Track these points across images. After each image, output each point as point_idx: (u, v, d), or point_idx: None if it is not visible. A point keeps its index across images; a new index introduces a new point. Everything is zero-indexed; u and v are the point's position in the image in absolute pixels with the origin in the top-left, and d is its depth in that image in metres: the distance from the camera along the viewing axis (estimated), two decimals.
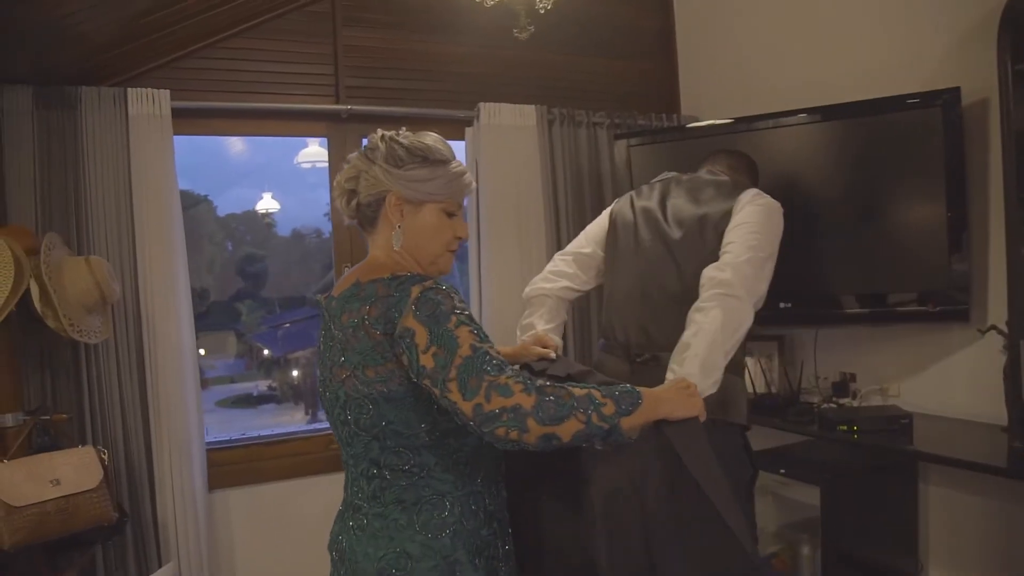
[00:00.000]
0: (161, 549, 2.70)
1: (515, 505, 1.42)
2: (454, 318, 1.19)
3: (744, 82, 3.39)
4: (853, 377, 2.91)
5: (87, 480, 2.25)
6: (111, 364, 2.64)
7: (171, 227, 2.75)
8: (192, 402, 2.78)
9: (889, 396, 2.78)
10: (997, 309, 2.42)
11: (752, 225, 1.92)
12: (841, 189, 2.74)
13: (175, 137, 2.82)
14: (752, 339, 2.18)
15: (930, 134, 2.52)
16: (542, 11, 2.15)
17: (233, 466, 3.02)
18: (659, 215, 2.11)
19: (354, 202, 1.35)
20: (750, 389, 2.81)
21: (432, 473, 1.26)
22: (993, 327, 2.30)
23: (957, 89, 2.48)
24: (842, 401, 2.85)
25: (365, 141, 1.40)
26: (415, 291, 1.21)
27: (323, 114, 3.12)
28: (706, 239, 1.97)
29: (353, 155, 1.39)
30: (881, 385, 2.80)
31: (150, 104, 2.71)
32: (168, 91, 2.74)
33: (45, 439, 2.35)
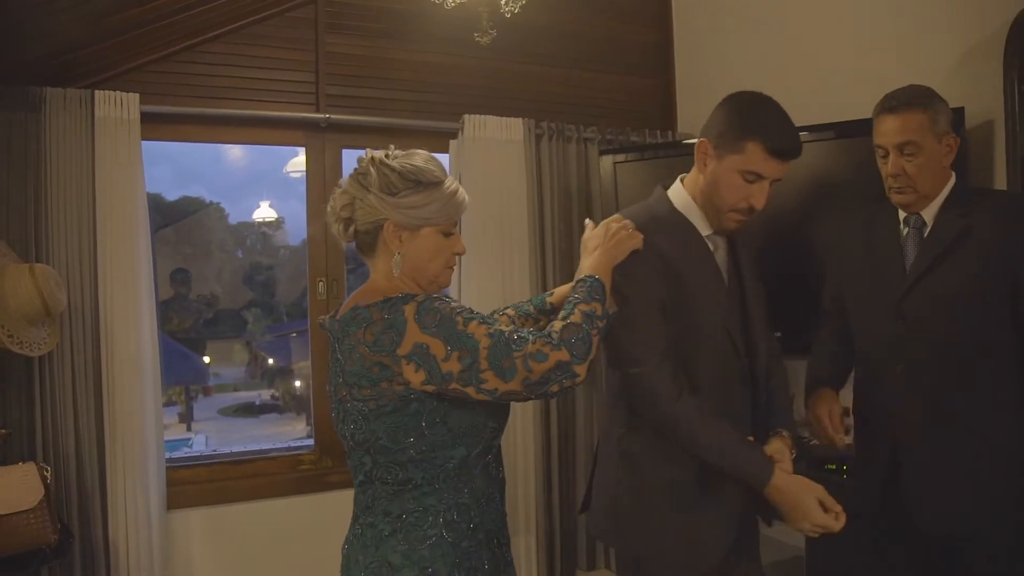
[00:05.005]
0: (111, 572, 2.58)
1: None
2: (459, 319, 1.26)
3: None
4: (847, 411, 2.74)
5: (25, 499, 2.15)
6: (65, 377, 2.53)
7: (136, 235, 2.65)
8: (151, 418, 2.66)
9: None
10: None
11: None
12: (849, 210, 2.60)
13: (164, 143, 2.77)
14: None
15: None
16: (507, 15, 2.03)
17: (195, 485, 2.89)
18: None
19: (351, 229, 1.38)
20: None
21: (418, 487, 1.30)
22: None
23: (961, 110, 2.34)
24: None
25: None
26: (409, 309, 1.26)
27: (301, 123, 3.02)
28: None
29: (345, 179, 1.40)
30: None
31: (118, 108, 2.63)
32: (137, 95, 2.66)
33: None
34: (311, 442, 3.13)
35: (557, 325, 1.31)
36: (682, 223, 1.64)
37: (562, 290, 1.75)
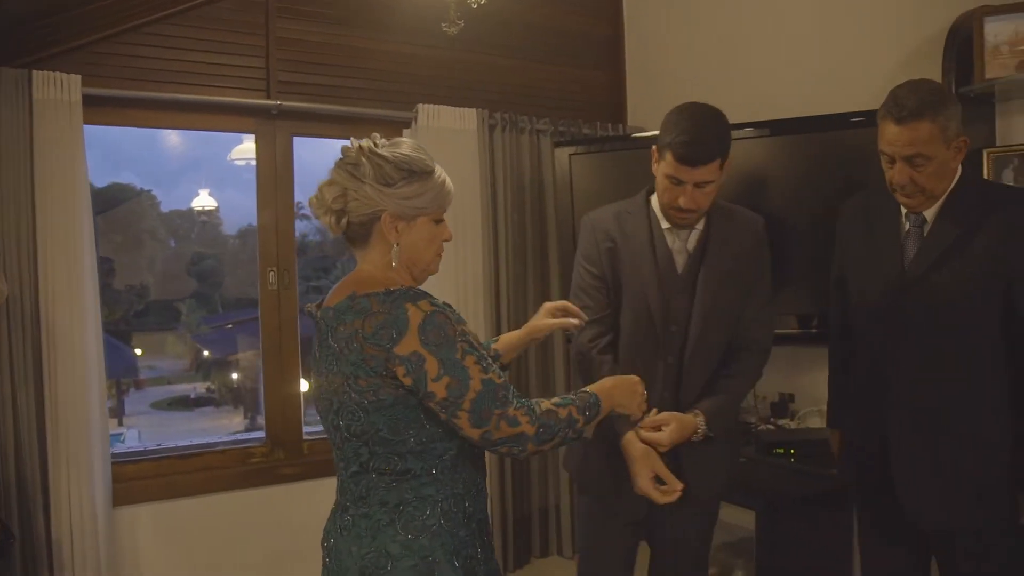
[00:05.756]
0: (55, 572, 2.49)
1: None
2: (459, 347, 1.27)
3: (693, 94, 3.30)
4: (792, 398, 2.86)
5: None
6: (3, 369, 2.43)
7: (79, 223, 2.55)
8: (96, 411, 2.58)
9: None
10: None
11: None
12: (785, 206, 2.69)
13: (104, 127, 2.69)
14: None
15: (872, 153, 2.48)
16: (474, 5, 2.04)
17: (142, 480, 2.81)
18: None
19: (344, 220, 1.36)
20: None
21: (416, 477, 1.32)
22: None
23: None
24: (780, 422, 2.79)
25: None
26: (414, 313, 1.26)
27: (252, 109, 2.95)
28: None
29: (333, 169, 1.38)
30: (820, 407, 2.75)
31: (58, 89, 2.52)
32: (79, 76, 2.55)
33: None
34: (262, 434, 3.08)
35: (545, 404, 1.34)
36: (646, 216, 1.91)
37: (507, 337, 1.73)
